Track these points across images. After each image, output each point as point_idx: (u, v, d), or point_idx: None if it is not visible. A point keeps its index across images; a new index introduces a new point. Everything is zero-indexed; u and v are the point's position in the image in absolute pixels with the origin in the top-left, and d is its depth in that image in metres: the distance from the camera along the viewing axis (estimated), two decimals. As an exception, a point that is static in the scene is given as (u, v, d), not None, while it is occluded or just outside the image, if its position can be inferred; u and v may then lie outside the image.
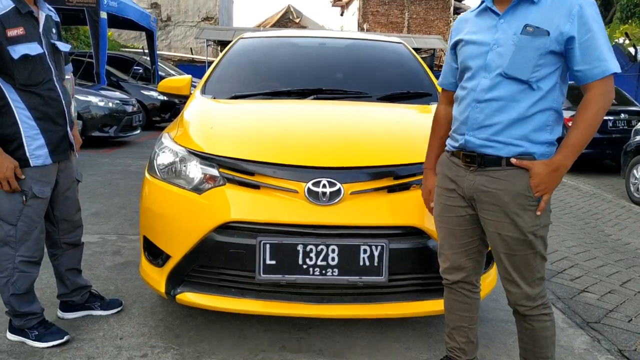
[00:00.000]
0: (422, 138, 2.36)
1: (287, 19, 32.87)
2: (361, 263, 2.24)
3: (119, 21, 12.53)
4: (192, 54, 24.55)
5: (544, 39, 1.76)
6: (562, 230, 5.23)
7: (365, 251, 2.24)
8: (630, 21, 15.30)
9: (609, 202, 6.87)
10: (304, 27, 29.61)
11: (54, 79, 2.43)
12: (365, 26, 29.17)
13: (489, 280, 2.54)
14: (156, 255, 2.52)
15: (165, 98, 11.29)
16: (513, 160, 1.83)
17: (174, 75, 12.72)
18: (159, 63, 14.20)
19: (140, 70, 13.34)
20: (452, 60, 2.11)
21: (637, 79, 14.14)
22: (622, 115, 8.86)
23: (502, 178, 1.85)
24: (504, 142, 1.84)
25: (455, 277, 2.11)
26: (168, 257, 2.42)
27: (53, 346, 2.46)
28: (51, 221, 2.58)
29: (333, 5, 38.43)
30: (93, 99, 8.65)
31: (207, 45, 20.83)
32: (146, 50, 14.45)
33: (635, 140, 7.29)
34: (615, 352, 2.69)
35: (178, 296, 2.41)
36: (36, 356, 2.41)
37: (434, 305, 2.36)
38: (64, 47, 2.54)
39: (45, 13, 2.43)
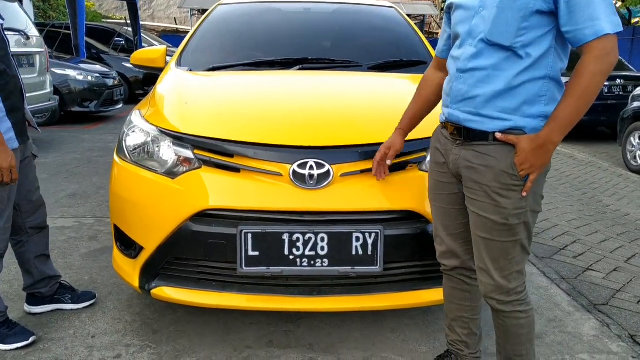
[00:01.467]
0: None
1: (273, -13, 32.07)
2: (354, 252, 2.04)
3: (99, -10, 12.03)
4: (176, 24, 23.90)
5: None
6: (560, 202, 5.05)
7: (357, 239, 2.03)
8: None
9: (606, 171, 6.71)
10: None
11: (10, 52, 2.21)
12: (353, -7, 28.47)
13: None
14: (129, 245, 2.30)
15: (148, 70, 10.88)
16: (498, 135, 1.63)
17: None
18: (142, 34, 13.70)
19: (122, 42, 12.88)
20: (446, 25, 1.90)
21: (630, 42, 13.87)
22: (618, 81, 8.65)
23: (488, 154, 1.65)
24: (490, 115, 1.64)
25: (454, 263, 1.95)
26: (141, 248, 2.20)
27: (17, 348, 2.25)
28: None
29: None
30: (71, 73, 8.32)
31: (191, 15, 20.28)
32: (129, 21, 13.92)
33: (632, 106, 7.09)
34: (626, 337, 2.51)
35: (153, 291, 2.19)
36: (-2, 360, 2.20)
37: (434, 295, 2.17)
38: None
39: None
